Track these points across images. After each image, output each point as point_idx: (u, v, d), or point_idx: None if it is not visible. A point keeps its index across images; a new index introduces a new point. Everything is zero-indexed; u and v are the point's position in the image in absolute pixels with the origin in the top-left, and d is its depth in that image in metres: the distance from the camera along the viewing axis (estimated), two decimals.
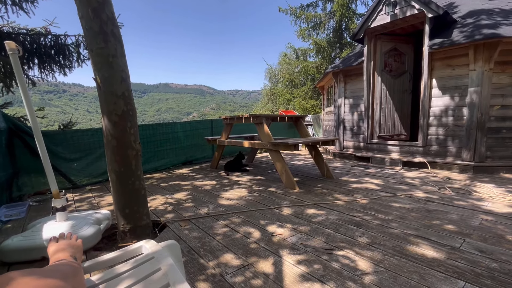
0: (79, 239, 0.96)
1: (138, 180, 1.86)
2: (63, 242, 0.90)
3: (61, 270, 0.65)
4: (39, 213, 2.53)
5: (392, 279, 1.30)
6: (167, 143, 4.65)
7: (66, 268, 0.68)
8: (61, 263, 0.74)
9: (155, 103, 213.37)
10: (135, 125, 1.86)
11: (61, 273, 0.63)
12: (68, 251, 0.85)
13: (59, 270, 0.66)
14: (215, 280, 1.35)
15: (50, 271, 0.61)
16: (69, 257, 0.82)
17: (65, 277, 0.60)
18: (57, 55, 4.96)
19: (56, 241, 0.91)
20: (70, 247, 0.87)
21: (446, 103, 3.95)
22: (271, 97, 17.20)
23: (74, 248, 0.88)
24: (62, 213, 1.78)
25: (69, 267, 0.70)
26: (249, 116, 3.51)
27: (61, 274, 0.61)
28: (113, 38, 1.72)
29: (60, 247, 0.86)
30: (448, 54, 3.87)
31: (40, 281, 0.50)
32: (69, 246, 0.88)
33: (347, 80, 5.33)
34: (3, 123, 2.76)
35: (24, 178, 3.12)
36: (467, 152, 3.75)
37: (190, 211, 2.40)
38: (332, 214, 2.22)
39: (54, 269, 0.66)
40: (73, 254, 0.84)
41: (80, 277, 0.68)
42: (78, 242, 0.93)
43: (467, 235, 1.76)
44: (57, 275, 0.59)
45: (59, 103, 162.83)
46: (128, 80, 1.82)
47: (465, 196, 2.60)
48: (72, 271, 0.67)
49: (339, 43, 12.95)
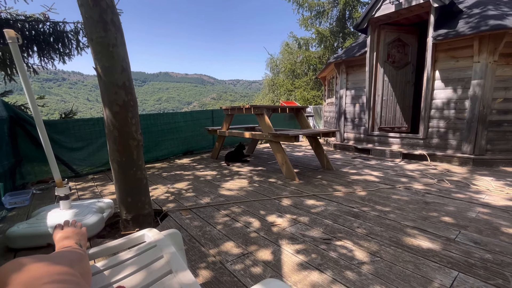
0: (84, 227, 0.99)
1: (140, 170, 1.89)
2: (68, 229, 0.93)
3: (67, 256, 0.67)
4: (43, 201, 2.58)
5: (387, 268, 1.34)
6: (168, 133, 4.66)
7: (72, 254, 0.71)
8: (67, 250, 0.76)
9: (155, 92, 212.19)
10: (136, 115, 1.87)
11: (67, 259, 0.65)
12: (74, 238, 0.88)
13: (65, 256, 0.68)
14: (215, 267, 1.38)
15: (57, 257, 0.63)
16: (74, 244, 0.85)
17: (71, 263, 0.62)
18: (56, 42, 4.90)
19: (62, 228, 0.94)
20: (75, 234, 0.90)
21: (449, 96, 3.92)
22: (272, 87, 17.06)
23: (79, 235, 0.91)
24: (65, 201, 1.82)
25: (75, 253, 0.72)
26: (250, 107, 3.50)
27: (68, 260, 0.64)
28: (113, 27, 1.70)
29: (66, 234, 0.90)
30: (453, 46, 3.82)
31: (49, 267, 0.52)
32: (74, 234, 0.91)
33: (349, 71, 5.28)
34: (4, 112, 2.76)
35: (27, 166, 3.15)
36: (467, 145, 3.76)
37: (191, 200, 2.44)
38: (331, 205, 2.25)
39: (61, 255, 0.69)
40: (78, 241, 0.87)
41: (86, 263, 0.71)
42: (83, 230, 0.96)
43: (463, 227, 1.79)
44: (64, 261, 0.61)
45: (59, 92, 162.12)
46: (129, 69, 1.81)
47: (463, 189, 2.63)
48: (78, 257, 0.70)
49: (342, 33, 12.74)
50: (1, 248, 1.63)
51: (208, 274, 1.32)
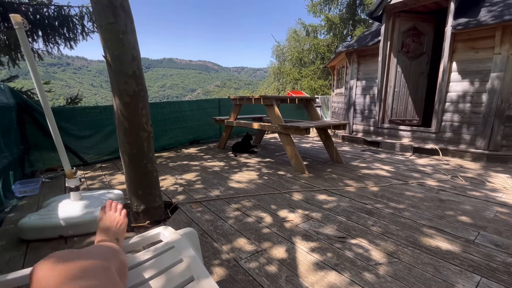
0: (124, 211, 1.01)
1: (151, 162, 1.85)
2: (110, 217, 0.96)
3: (102, 252, 0.69)
4: (52, 190, 2.57)
5: (406, 271, 1.30)
6: (175, 122, 4.61)
7: (107, 250, 0.73)
8: (103, 245, 0.78)
9: (159, 79, 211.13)
10: (146, 106, 1.81)
11: (102, 254, 0.66)
12: (112, 231, 0.91)
13: (100, 252, 0.70)
14: (229, 265, 1.36)
15: (92, 253, 0.64)
16: (111, 239, 0.88)
17: (106, 259, 0.63)
18: (61, 27, 4.81)
19: (105, 212, 0.98)
20: (115, 225, 0.93)
21: (465, 89, 3.78)
22: (278, 75, 16.78)
23: (118, 226, 0.94)
24: (76, 192, 1.80)
25: (110, 249, 0.74)
26: (259, 97, 3.41)
27: (102, 255, 0.65)
28: (123, 13, 1.61)
29: (107, 224, 0.93)
30: (473, 36, 3.64)
31: (82, 263, 0.53)
32: (114, 224, 0.94)
33: (361, 61, 5.11)
34: (12, 99, 2.72)
35: (35, 154, 3.14)
36: (481, 140, 3.65)
37: (201, 193, 2.41)
38: (343, 200, 2.21)
39: (95, 251, 0.69)
40: (115, 235, 0.90)
41: (121, 259, 0.72)
42: (123, 220, 0.98)
43: (482, 228, 1.74)
44: (99, 257, 0.62)
45: (63, 77, 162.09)
46: (139, 58, 1.74)
47: (479, 186, 2.56)
48: (113, 253, 0.71)
49: (352, 20, 12.33)
50: (14, 238, 1.63)
51: (223, 272, 1.30)
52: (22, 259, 1.44)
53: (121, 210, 1.02)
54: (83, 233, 1.66)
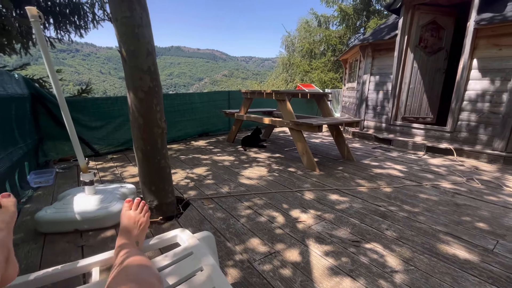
0: (147, 214, 1.02)
1: (164, 158, 1.84)
2: (135, 216, 0.97)
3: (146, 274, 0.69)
4: (66, 180, 2.61)
5: (423, 280, 1.28)
6: (185, 114, 4.59)
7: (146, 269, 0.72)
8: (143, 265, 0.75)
9: (167, 67, 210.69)
10: (160, 102, 1.79)
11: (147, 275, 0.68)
12: (134, 235, 0.92)
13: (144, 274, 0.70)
14: (243, 266, 1.36)
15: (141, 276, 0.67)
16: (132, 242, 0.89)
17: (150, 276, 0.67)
18: (72, 15, 4.78)
19: (130, 208, 0.99)
20: (137, 228, 0.94)
21: (485, 87, 3.64)
22: (286, 66, 16.50)
23: (140, 230, 0.95)
24: (90, 187, 1.81)
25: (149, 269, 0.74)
26: (271, 92, 3.35)
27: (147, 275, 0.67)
28: (139, 6, 1.57)
29: (130, 224, 0.94)
30: (497, 32, 3.46)
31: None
32: (136, 225, 0.95)
33: (376, 55, 4.95)
34: (26, 89, 2.73)
35: (49, 144, 3.18)
36: (499, 142, 3.53)
37: (212, 188, 2.41)
38: (355, 201, 2.18)
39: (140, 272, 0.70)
40: (136, 238, 0.92)
41: (158, 277, 0.74)
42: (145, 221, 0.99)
43: (501, 236, 1.69)
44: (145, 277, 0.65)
45: (73, 63, 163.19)
46: (154, 53, 1.70)
47: (496, 191, 2.49)
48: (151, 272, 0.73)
49: (366, 11, 11.93)
50: (31, 231, 1.66)
51: (237, 274, 1.30)
52: (40, 252, 1.47)
53: (146, 211, 1.02)
54: (97, 227, 1.68)
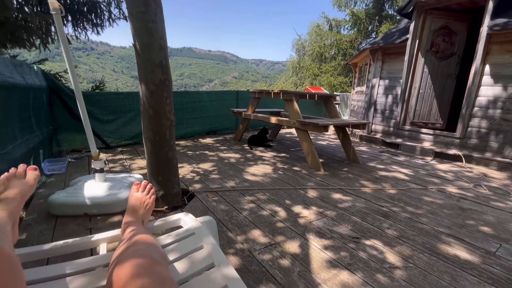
0: (153, 196, 1.08)
1: (171, 150, 1.90)
2: (141, 197, 1.03)
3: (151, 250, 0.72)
4: (77, 169, 2.71)
5: (422, 277, 1.29)
6: (194, 112, 4.68)
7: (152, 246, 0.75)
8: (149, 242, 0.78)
9: (178, 68, 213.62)
10: (170, 95, 1.85)
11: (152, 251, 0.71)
12: (140, 213, 0.98)
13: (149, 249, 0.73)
14: (243, 255, 1.40)
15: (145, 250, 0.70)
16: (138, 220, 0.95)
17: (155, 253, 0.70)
18: (89, 12, 4.94)
19: (137, 190, 1.06)
20: (144, 207, 1.01)
21: (497, 94, 3.58)
22: (296, 70, 16.52)
23: (147, 207, 1.02)
24: (101, 174, 1.89)
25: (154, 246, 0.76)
26: (279, 92, 3.39)
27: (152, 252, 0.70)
28: (154, 2, 1.64)
29: (137, 203, 1.01)
30: (510, 38, 3.42)
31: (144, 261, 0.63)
32: (143, 205, 1.01)
33: (386, 59, 4.94)
34: (44, 81, 2.86)
35: (63, 134, 3.31)
36: (510, 149, 3.47)
37: (217, 183, 2.46)
38: (358, 201, 2.19)
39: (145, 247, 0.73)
40: (142, 217, 0.98)
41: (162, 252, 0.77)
42: (151, 202, 1.05)
43: (504, 240, 1.68)
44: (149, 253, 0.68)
45: (87, 61, 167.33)
46: (166, 48, 1.77)
47: (504, 197, 2.45)
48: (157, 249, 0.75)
49: (378, 15, 11.87)
50: (44, 213, 1.75)
51: (237, 261, 1.34)
52: (51, 233, 1.54)
53: (152, 193, 1.08)
54: (106, 212, 1.75)
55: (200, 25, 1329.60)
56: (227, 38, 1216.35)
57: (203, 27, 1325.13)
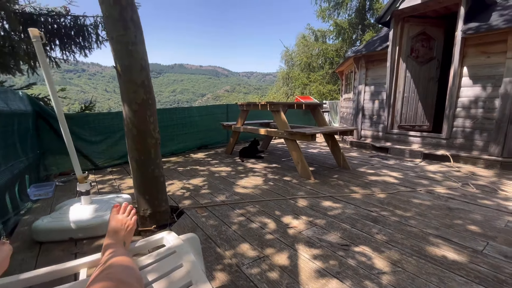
0: (134, 217, 1.06)
1: (158, 168, 1.90)
2: (122, 219, 1.01)
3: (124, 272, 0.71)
4: (65, 193, 2.67)
5: (410, 281, 1.29)
6: (184, 128, 4.70)
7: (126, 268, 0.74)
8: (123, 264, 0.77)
9: (170, 84, 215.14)
10: (154, 114, 1.87)
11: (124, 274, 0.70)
12: (120, 235, 0.96)
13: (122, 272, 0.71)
14: (231, 270, 1.38)
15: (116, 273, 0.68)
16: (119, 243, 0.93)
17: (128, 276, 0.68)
18: (77, 36, 5.00)
19: (117, 213, 1.04)
20: (124, 229, 0.99)
21: (477, 94, 3.70)
22: (286, 80, 16.80)
23: (127, 229, 0.99)
24: (86, 196, 1.87)
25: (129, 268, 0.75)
26: (266, 104, 3.45)
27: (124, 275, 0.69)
28: (133, 25, 1.69)
29: (117, 225, 0.98)
30: (484, 40, 3.57)
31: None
32: (123, 227, 0.99)
33: (369, 66, 5.08)
34: (30, 106, 2.86)
35: (50, 158, 3.27)
36: (495, 147, 3.55)
37: (207, 198, 2.45)
38: (348, 207, 2.20)
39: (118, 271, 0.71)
40: (123, 239, 0.96)
41: (138, 274, 0.75)
42: (132, 223, 1.03)
43: (491, 238, 1.69)
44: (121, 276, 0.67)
45: (79, 82, 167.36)
46: (148, 68, 1.81)
47: (490, 195, 2.49)
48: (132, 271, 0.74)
49: (361, 25, 12.28)
50: (27, 240, 1.71)
51: (225, 278, 1.32)
52: (35, 260, 1.51)
53: (133, 215, 1.06)
54: (92, 235, 1.72)
55: (190, 41, 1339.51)
56: (218, 53, 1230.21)
57: (193, 43, 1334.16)
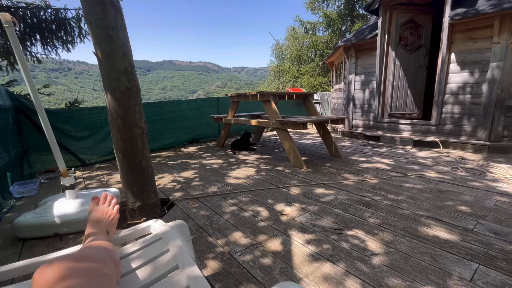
0: (117, 206, 0.99)
1: (145, 159, 1.84)
2: (102, 209, 0.95)
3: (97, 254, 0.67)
4: (50, 190, 2.58)
5: (402, 260, 1.28)
6: (174, 122, 4.61)
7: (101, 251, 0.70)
8: (98, 246, 0.74)
9: (160, 81, 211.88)
10: (139, 103, 1.80)
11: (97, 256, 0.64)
12: (103, 224, 0.90)
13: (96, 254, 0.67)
14: (223, 258, 1.35)
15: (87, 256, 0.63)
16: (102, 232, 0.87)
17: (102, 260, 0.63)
18: (59, 30, 4.82)
19: (97, 204, 0.97)
20: (106, 218, 0.92)
21: (465, 79, 3.74)
22: (277, 74, 16.71)
23: (109, 219, 0.93)
24: (71, 191, 1.80)
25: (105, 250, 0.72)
26: (256, 94, 3.40)
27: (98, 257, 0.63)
28: (113, 9, 1.60)
29: (98, 216, 0.92)
30: (471, 26, 3.59)
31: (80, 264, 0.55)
32: (105, 217, 0.93)
33: (359, 55, 5.07)
34: (9, 101, 2.73)
35: (34, 156, 3.16)
36: (482, 131, 3.61)
37: (198, 189, 2.40)
38: (341, 194, 2.19)
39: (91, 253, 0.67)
40: (106, 228, 0.89)
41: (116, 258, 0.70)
42: (114, 213, 0.97)
43: (481, 217, 1.71)
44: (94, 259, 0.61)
45: (65, 81, 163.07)
46: (130, 55, 1.73)
47: (479, 177, 2.52)
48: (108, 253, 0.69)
49: (350, 16, 12.26)
50: (10, 237, 1.63)
51: (216, 265, 1.29)
52: (17, 257, 1.44)
53: (114, 204, 1.00)
54: (78, 230, 1.66)
55: (179, 38, 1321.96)
56: (207, 49, 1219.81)
57: (182, 40, 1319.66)
